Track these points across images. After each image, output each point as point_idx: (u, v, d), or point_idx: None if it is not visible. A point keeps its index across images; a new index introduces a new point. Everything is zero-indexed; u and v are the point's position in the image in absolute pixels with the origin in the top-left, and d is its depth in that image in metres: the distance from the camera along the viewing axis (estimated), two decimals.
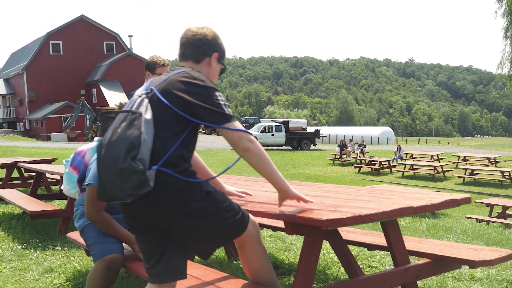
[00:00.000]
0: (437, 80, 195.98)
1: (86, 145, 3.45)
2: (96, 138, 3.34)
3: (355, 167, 26.07)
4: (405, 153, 28.75)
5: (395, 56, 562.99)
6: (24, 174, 8.36)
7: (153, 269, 2.21)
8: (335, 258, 4.01)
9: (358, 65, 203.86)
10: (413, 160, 27.09)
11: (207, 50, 2.29)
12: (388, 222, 2.65)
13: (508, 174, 21.45)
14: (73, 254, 4.33)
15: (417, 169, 24.75)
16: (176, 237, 2.18)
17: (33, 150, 21.59)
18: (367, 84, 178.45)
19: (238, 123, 2.13)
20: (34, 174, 6.71)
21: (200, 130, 61.59)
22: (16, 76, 52.45)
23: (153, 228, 2.17)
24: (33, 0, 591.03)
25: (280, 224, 3.36)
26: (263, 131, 33.90)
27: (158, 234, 2.18)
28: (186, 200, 2.07)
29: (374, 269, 3.95)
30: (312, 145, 35.65)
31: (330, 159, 28.63)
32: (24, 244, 4.78)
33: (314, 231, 2.32)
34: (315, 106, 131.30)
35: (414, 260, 3.04)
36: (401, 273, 2.64)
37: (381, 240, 3.20)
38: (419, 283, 3.33)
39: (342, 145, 28.69)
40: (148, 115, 2.09)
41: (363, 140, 34.55)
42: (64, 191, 3.48)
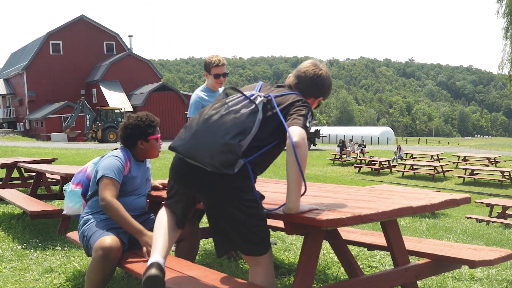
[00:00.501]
0: (437, 80, 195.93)
1: (87, 163, 3.50)
2: (94, 160, 3.41)
3: (355, 167, 26.07)
4: (405, 153, 28.75)
5: (395, 56, 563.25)
6: (24, 174, 8.35)
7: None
8: (335, 258, 4.01)
9: (358, 65, 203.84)
10: (413, 160, 27.09)
11: (317, 94, 2.54)
12: (388, 222, 2.65)
13: (508, 174, 21.45)
14: (73, 254, 4.33)
15: (417, 169, 24.75)
16: (216, 221, 2.39)
17: (33, 150, 21.60)
18: (367, 84, 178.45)
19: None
20: (34, 174, 6.71)
21: None
22: (16, 76, 52.44)
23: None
24: (33, 0, 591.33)
25: (280, 224, 3.36)
26: None
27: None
28: (243, 194, 2.30)
29: (374, 269, 3.95)
30: (312, 145, 35.63)
31: (330, 159, 28.64)
32: (24, 244, 4.78)
33: (314, 231, 2.32)
34: None
35: (414, 260, 3.04)
36: (401, 273, 2.64)
37: (381, 240, 3.20)
38: (419, 283, 3.33)
39: (342, 145, 28.69)
40: (261, 116, 2.33)
41: (363, 140, 34.55)
42: (67, 212, 3.48)
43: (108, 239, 2.92)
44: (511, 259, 2.89)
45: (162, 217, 2.62)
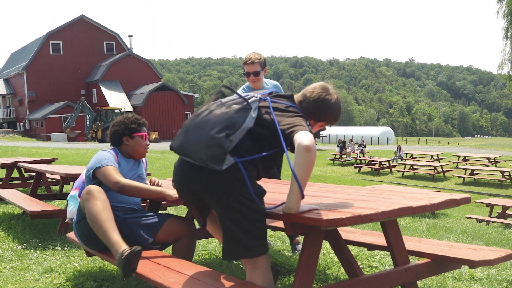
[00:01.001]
0: (437, 80, 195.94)
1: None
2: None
3: (355, 167, 26.07)
4: (405, 153, 28.76)
5: (395, 56, 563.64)
6: (24, 174, 8.35)
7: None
8: (335, 258, 4.01)
9: (358, 65, 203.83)
10: (413, 160, 27.09)
11: (317, 117, 2.51)
12: (388, 222, 2.65)
13: (508, 174, 21.46)
14: (73, 254, 4.33)
15: (417, 169, 24.75)
16: (222, 219, 2.36)
17: (33, 150, 21.60)
18: (367, 84, 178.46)
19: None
20: (34, 174, 6.71)
21: None
22: (16, 76, 52.44)
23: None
24: (33, 0, 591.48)
25: (280, 224, 3.36)
26: None
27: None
28: (241, 188, 2.26)
29: (374, 269, 3.95)
30: None
31: (330, 159, 28.64)
32: (24, 244, 4.78)
33: (314, 231, 2.32)
34: None
35: (414, 260, 3.04)
36: (401, 273, 2.64)
37: (381, 240, 3.19)
38: (419, 283, 3.33)
39: (342, 145, 28.69)
40: (255, 114, 2.32)
41: (363, 140, 34.57)
42: (69, 216, 3.60)
43: (92, 185, 3.05)
44: (511, 259, 2.89)
45: None
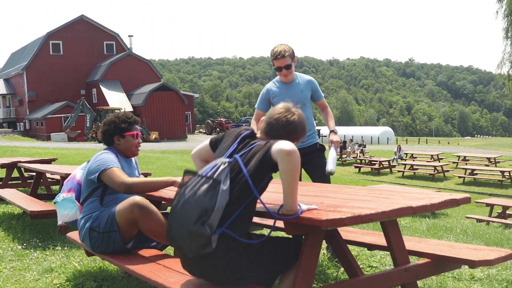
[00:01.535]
0: (437, 80, 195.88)
1: (74, 170, 3.53)
2: (81, 166, 3.47)
3: (355, 167, 26.07)
4: (405, 153, 28.76)
5: (395, 56, 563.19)
6: (24, 174, 8.35)
7: None
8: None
9: (358, 65, 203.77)
10: (413, 160, 27.10)
11: (292, 140, 2.45)
12: (388, 222, 2.65)
13: (508, 174, 21.46)
14: (73, 254, 4.33)
15: (417, 169, 24.76)
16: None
17: (33, 150, 21.58)
18: (367, 84, 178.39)
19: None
20: (34, 174, 6.71)
21: (200, 130, 61.63)
22: (16, 76, 52.44)
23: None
24: (33, 0, 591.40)
25: (280, 224, 3.36)
26: None
27: None
28: (240, 258, 2.30)
29: (374, 269, 3.95)
30: None
31: None
32: (24, 244, 4.78)
33: (314, 231, 2.32)
34: (315, 106, 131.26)
35: (414, 260, 3.04)
36: (401, 273, 2.64)
37: (381, 240, 3.19)
38: (419, 283, 3.33)
39: (342, 145, 28.70)
40: (226, 185, 2.27)
41: (363, 140, 34.58)
42: (64, 220, 3.44)
43: (137, 197, 3.07)
44: (511, 259, 2.89)
45: None
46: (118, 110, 40.01)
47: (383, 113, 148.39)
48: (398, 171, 25.04)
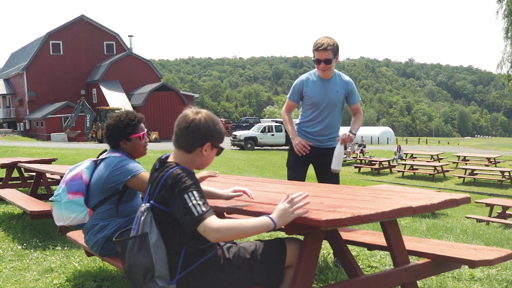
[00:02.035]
0: (437, 80, 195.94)
1: (76, 169, 3.31)
2: (86, 165, 3.28)
3: (355, 167, 26.07)
4: (405, 153, 28.75)
5: (395, 56, 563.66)
6: (24, 174, 8.35)
7: None
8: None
9: (358, 65, 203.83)
10: (413, 160, 27.09)
11: (199, 142, 2.32)
12: (388, 222, 2.65)
13: (508, 174, 21.45)
14: (73, 254, 4.33)
15: (417, 169, 24.75)
16: None
17: (33, 150, 21.58)
18: (367, 84, 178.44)
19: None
20: (34, 174, 6.71)
21: None
22: (16, 76, 52.45)
23: None
24: (33, 0, 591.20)
25: None
26: (263, 131, 33.89)
27: None
28: (214, 276, 2.24)
29: (374, 269, 3.95)
30: None
31: None
32: (24, 244, 4.78)
33: (314, 231, 2.32)
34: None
35: (414, 260, 3.04)
36: (401, 273, 2.64)
37: (381, 240, 3.19)
38: (419, 283, 3.33)
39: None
40: (154, 235, 2.19)
41: (363, 140, 34.57)
42: (69, 223, 3.26)
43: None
44: (511, 259, 2.89)
45: None
46: (118, 110, 39.88)
47: (383, 113, 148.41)
48: (398, 171, 25.04)
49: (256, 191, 3.00)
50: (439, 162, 25.96)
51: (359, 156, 28.08)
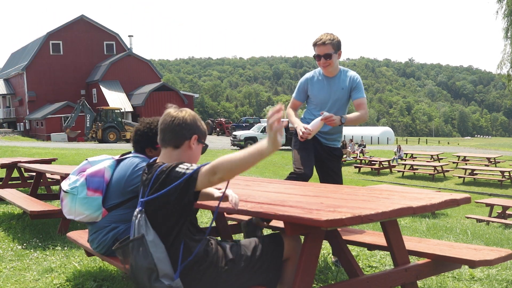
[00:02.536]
0: (437, 80, 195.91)
1: (99, 165, 3.22)
2: (108, 163, 3.20)
3: (355, 167, 26.06)
4: (405, 153, 28.75)
5: (395, 56, 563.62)
6: (24, 174, 8.34)
7: None
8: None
9: (358, 65, 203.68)
10: (413, 160, 27.09)
11: (186, 134, 2.35)
12: (388, 222, 2.65)
13: (508, 174, 21.45)
14: (73, 254, 4.33)
15: (417, 169, 24.75)
16: None
17: (33, 150, 21.59)
18: (367, 84, 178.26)
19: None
20: (34, 174, 6.71)
21: None
22: (16, 76, 52.45)
23: None
24: (33, 0, 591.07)
25: (280, 224, 3.36)
26: (263, 131, 33.90)
27: None
28: (216, 274, 2.27)
29: (374, 269, 3.95)
30: None
31: None
32: (24, 244, 4.78)
33: (314, 231, 2.32)
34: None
35: (414, 260, 3.04)
36: (401, 273, 2.64)
37: (381, 240, 3.19)
38: (419, 283, 3.33)
39: (342, 145, 28.69)
40: (151, 235, 2.21)
41: (363, 140, 34.58)
42: (80, 219, 3.15)
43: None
44: (511, 259, 2.89)
45: None
46: (118, 110, 40.00)
47: (383, 113, 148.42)
48: (398, 171, 25.04)
49: (256, 191, 3.00)
50: (439, 162, 25.95)
51: (359, 156, 28.08)
